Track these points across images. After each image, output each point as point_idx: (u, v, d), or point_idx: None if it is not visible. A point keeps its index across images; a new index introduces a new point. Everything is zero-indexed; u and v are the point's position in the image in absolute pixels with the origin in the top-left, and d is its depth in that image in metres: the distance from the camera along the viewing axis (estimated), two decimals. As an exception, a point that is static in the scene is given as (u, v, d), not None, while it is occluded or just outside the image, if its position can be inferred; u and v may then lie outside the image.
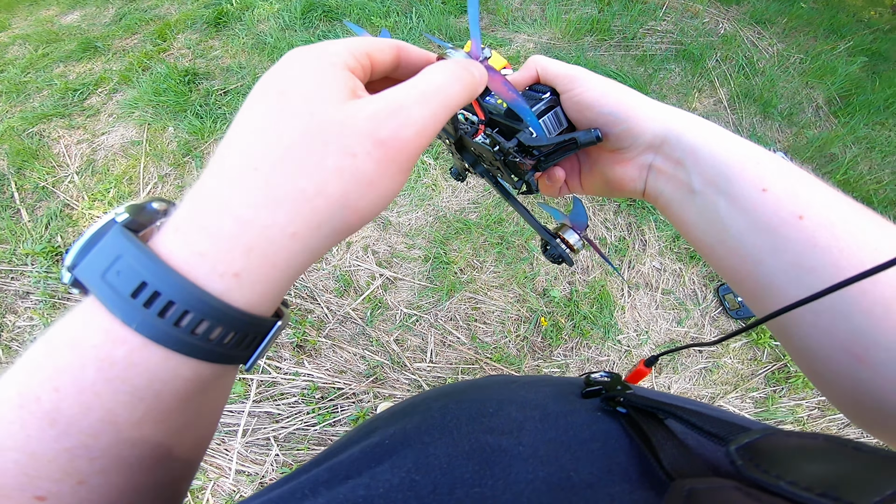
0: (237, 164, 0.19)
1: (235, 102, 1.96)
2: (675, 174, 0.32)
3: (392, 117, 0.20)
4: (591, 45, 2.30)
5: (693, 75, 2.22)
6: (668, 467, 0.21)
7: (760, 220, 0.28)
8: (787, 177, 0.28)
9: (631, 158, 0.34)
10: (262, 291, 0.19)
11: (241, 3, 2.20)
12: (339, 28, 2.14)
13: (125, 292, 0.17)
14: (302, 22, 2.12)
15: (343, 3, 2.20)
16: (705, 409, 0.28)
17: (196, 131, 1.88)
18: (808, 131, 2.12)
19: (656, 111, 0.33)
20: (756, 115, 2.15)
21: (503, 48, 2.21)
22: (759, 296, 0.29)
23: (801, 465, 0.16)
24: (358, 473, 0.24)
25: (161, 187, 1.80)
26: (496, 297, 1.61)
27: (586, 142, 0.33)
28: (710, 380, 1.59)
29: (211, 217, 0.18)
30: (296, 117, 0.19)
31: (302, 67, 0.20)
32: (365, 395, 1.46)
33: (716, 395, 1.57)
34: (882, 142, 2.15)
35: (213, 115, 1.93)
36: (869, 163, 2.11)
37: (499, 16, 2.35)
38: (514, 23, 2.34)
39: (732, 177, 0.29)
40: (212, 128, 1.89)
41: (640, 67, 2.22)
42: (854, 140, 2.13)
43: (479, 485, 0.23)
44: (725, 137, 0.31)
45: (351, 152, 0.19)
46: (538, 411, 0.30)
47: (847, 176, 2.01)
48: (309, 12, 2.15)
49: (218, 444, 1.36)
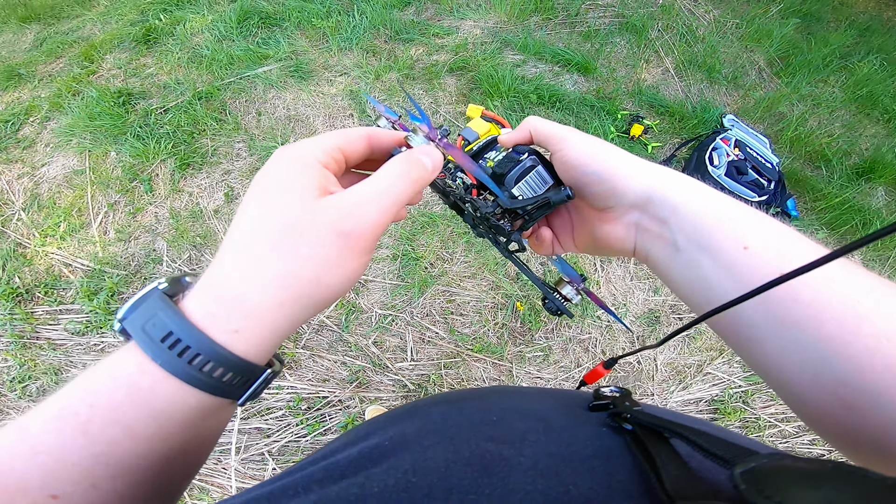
0: (239, 249, 0.25)
1: (178, 120, 1.87)
2: (660, 233, 0.33)
3: (351, 214, 0.25)
4: (537, 25, 2.31)
5: (638, 47, 2.25)
6: (670, 488, 0.21)
7: (744, 278, 0.28)
8: (768, 233, 0.29)
9: (617, 217, 0.35)
10: (256, 344, 0.24)
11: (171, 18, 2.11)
12: (278, 34, 2.07)
13: (156, 338, 0.23)
14: (239, 31, 2.05)
15: (280, 8, 2.13)
16: (713, 430, 0.28)
17: (139, 154, 1.79)
18: (754, 93, 2.19)
19: (639, 170, 0.33)
20: (703, 81, 2.21)
21: (450, 37, 2.19)
22: (748, 349, 0.30)
23: (806, 493, 0.16)
24: (354, 473, 0.25)
25: (112, 215, 1.71)
26: (470, 287, 1.59)
27: (558, 200, 0.35)
28: (695, 347, 1.63)
29: (220, 289, 0.24)
30: (278, 213, 0.24)
31: (282, 168, 0.26)
32: (351, 400, 1.43)
33: (703, 361, 1.61)
34: (827, 98, 2.25)
35: (156, 136, 1.84)
36: (818, 118, 2.20)
37: (443, 4, 2.33)
38: (459, 10, 2.32)
39: (713, 235, 0.29)
40: (156, 149, 1.80)
41: (587, 43, 2.24)
42: (799, 98, 2.21)
43: (475, 492, 0.23)
44: (706, 195, 0.31)
45: (320, 242, 0.24)
46: (542, 423, 0.30)
47: (798, 132, 2.09)
48: (245, 20, 2.07)
49: (214, 463, 1.35)
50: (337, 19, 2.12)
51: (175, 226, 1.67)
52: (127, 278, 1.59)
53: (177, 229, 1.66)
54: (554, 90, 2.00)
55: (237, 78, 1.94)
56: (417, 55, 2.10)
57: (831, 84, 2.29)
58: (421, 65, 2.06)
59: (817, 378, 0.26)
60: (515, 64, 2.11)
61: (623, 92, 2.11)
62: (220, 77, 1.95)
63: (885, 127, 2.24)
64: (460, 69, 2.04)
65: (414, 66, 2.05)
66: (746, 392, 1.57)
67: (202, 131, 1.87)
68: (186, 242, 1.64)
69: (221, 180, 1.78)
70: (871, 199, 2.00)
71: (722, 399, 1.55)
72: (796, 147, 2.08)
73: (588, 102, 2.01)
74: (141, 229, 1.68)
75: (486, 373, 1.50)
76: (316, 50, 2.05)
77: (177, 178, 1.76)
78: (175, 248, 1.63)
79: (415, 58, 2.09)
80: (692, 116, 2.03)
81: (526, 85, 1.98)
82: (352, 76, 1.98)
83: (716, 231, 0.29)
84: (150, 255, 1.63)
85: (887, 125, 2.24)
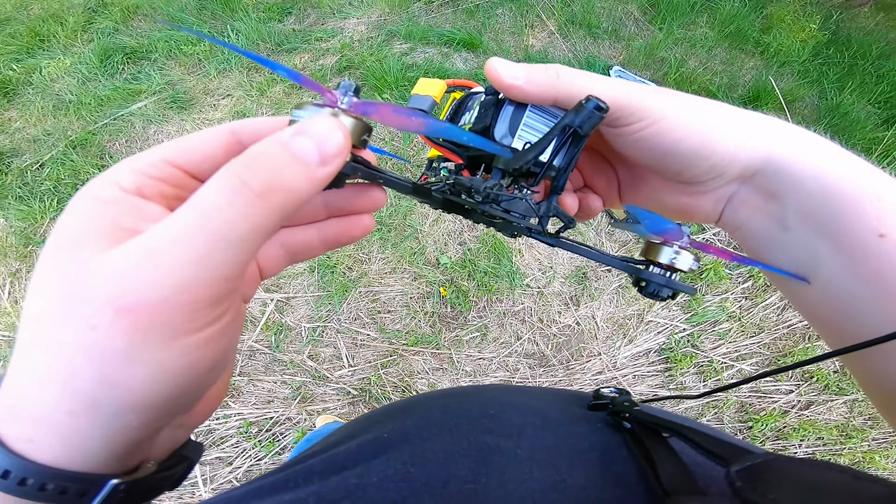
0: (18, 337, 0.18)
1: (57, 174, 1.76)
2: (765, 207, 0.27)
3: (137, 273, 0.16)
4: (421, 10, 2.32)
5: (521, 14, 2.31)
6: (666, 484, 0.21)
7: (870, 270, 0.23)
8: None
9: (708, 191, 0.28)
10: (66, 453, 0.18)
11: (24, 66, 1.97)
12: (148, 67, 1.98)
13: None
14: (103, 70, 1.94)
15: (144, 40, 2.04)
16: (710, 431, 0.27)
17: (27, 216, 1.68)
18: (634, 43, 2.29)
19: (752, 133, 0.25)
20: (586, 39, 2.29)
21: (335, 38, 2.16)
22: (845, 340, 0.25)
23: (801, 493, 0.16)
24: (353, 465, 0.24)
25: (18, 284, 1.62)
26: (392, 282, 1.59)
27: (589, 123, 0.23)
28: (631, 296, 1.66)
29: (6, 389, 0.18)
30: (46, 284, 0.17)
31: (69, 212, 0.18)
32: (298, 416, 1.43)
33: (642, 310, 1.64)
34: (700, 38, 2.38)
35: (38, 194, 1.72)
36: (696, 59, 2.33)
37: (323, 8, 2.30)
38: (341, 10, 2.30)
39: (844, 218, 0.23)
40: (42, 207, 1.70)
41: (471, 20, 2.28)
42: (675, 41, 2.34)
43: (472, 481, 0.23)
44: (841, 163, 0.24)
45: (90, 325, 0.16)
46: (539, 417, 0.29)
47: (680, 74, 2.21)
48: (108, 59, 1.97)
49: (190, 496, 1.34)
50: (210, 43, 2.05)
51: None
52: None
53: None
54: (444, 71, 2.02)
55: (111, 119, 1.84)
56: (303, 63, 2.07)
57: (701, 25, 2.44)
58: (308, 72, 2.03)
59: None
60: (403, 53, 2.11)
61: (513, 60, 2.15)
62: (92, 121, 1.85)
63: (760, 58, 2.40)
64: (347, 69, 2.02)
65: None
66: (692, 335, 1.60)
67: (85, 181, 1.75)
68: None
69: (120, 229, 1.70)
70: None
71: (670, 346, 1.59)
72: (682, 87, 2.20)
73: (480, 77, 2.05)
74: None
75: (426, 364, 1.51)
76: (193, 77, 1.97)
77: None
78: None
79: (300, 66, 2.05)
80: (581, 74, 2.11)
81: (414, 72, 1.99)
82: (235, 97, 1.92)
83: (847, 212, 0.23)
84: None
85: (762, 57, 2.40)
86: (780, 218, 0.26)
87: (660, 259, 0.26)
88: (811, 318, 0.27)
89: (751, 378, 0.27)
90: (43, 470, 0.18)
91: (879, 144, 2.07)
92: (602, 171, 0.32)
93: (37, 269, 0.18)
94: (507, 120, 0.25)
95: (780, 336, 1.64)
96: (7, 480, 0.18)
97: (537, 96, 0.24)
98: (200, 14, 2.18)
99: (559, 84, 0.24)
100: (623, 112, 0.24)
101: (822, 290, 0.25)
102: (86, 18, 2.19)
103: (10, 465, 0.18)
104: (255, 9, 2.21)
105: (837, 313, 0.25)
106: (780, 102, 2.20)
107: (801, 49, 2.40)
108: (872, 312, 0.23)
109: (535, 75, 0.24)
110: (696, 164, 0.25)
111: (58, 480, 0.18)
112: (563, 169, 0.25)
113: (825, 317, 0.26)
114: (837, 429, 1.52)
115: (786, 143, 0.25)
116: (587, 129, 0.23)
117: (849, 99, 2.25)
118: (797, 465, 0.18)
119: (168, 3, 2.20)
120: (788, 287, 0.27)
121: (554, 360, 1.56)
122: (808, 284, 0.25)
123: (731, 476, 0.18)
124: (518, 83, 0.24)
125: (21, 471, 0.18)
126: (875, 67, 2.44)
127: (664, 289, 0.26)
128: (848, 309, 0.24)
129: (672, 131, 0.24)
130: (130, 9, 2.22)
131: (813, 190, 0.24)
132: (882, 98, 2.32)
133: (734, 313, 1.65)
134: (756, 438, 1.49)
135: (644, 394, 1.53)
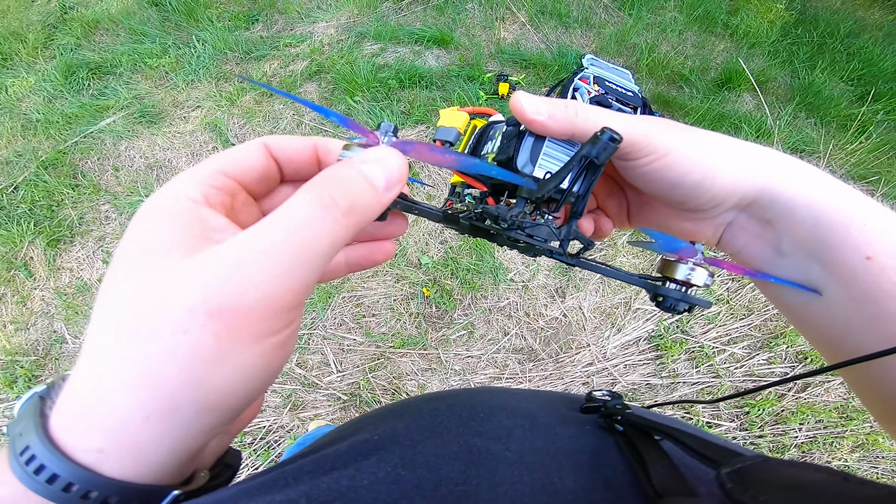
0: (91, 344, 0.19)
1: (31, 196, 1.74)
2: (762, 234, 0.29)
3: (227, 281, 0.17)
4: (390, 10, 2.31)
5: (491, 8, 2.31)
6: (657, 485, 0.22)
7: (859, 290, 0.25)
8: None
9: (708, 218, 0.30)
10: (135, 464, 0.19)
11: (-14, 87, 1.94)
12: (114, 82, 1.95)
13: (17, 451, 0.19)
14: (68, 87, 1.91)
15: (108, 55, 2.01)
16: (701, 434, 0.28)
17: (6, 241, 1.67)
18: (605, 30, 2.31)
19: (747, 166, 0.27)
20: (558, 29, 2.30)
21: (304, 43, 2.15)
22: (844, 357, 0.27)
23: (793, 494, 0.16)
24: (344, 465, 0.24)
25: (3, 309, 1.62)
26: (374, 286, 1.60)
27: (605, 153, 0.25)
28: (617, 285, 1.66)
29: (75, 399, 0.19)
30: (128, 291, 0.18)
31: (141, 224, 0.19)
32: (291, 423, 1.44)
33: (629, 298, 1.64)
34: (670, 23, 2.40)
35: (14, 218, 1.71)
36: (668, 43, 2.35)
37: (290, 13, 2.28)
38: (309, 15, 2.28)
39: (833, 243, 0.25)
40: (20, 231, 1.68)
41: (442, 16, 2.28)
42: (645, 27, 2.35)
43: (463, 483, 0.23)
44: (830, 192, 0.26)
45: (181, 329, 0.17)
46: (528, 420, 0.30)
47: (652, 59, 2.23)
48: (72, 75, 1.94)
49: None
50: (176, 54, 2.03)
51: (66, 304, 1.59)
52: (38, 362, 1.54)
53: (69, 307, 1.59)
54: (416, 70, 2.02)
55: (81, 137, 1.82)
56: (273, 70, 2.05)
57: (669, 9, 2.46)
58: (278, 79, 2.02)
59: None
60: (374, 54, 2.11)
61: (485, 55, 2.16)
62: (62, 140, 1.82)
63: (730, 41, 2.43)
64: (317, 73, 2.01)
65: (270, 81, 2.01)
66: (681, 321, 1.60)
67: (60, 202, 1.75)
68: (82, 317, 1.58)
69: (97, 248, 1.69)
70: (738, 106, 2.18)
71: (659, 333, 1.58)
72: (655, 72, 2.22)
73: (452, 73, 2.05)
74: (35, 315, 1.60)
75: (415, 365, 1.52)
76: (161, 90, 1.95)
77: (51, 257, 1.66)
78: (74, 325, 1.57)
79: (270, 73, 2.04)
80: (553, 64, 2.12)
81: (385, 72, 1.98)
82: (206, 108, 1.91)
83: (836, 238, 0.25)
84: (52, 338, 1.56)
85: (731, 39, 2.43)
86: (775, 244, 0.28)
87: (676, 276, 0.27)
88: (810, 336, 0.29)
89: (774, 383, 0.29)
90: (109, 483, 0.18)
91: (854, 120, 2.11)
92: (614, 196, 0.34)
93: (108, 281, 0.19)
94: (528, 150, 0.27)
95: (771, 317, 1.63)
96: (68, 494, 0.18)
97: (557, 131, 0.26)
98: (164, 26, 2.15)
99: (577, 120, 0.26)
100: (633, 147, 0.26)
101: (818, 312, 0.27)
102: (46, 35, 2.16)
103: (75, 477, 0.18)
104: (221, 18, 2.19)
105: (834, 332, 0.27)
106: (752, 84, 2.23)
107: (769, 30, 2.44)
108: (865, 332, 0.25)
109: (556, 112, 0.26)
110: (699, 196, 0.27)
111: (122, 494, 0.19)
112: (581, 196, 0.27)
113: (824, 335, 0.28)
114: (837, 411, 1.51)
115: (780, 174, 0.27)
116: (603, 159, 0.25)
117: (820, 77, 2.28)
118: (787, 466, 0.19)
119: (128, 17, 2.17)
120: (789, 307, 0.29)
121: (543, 354, 1.56)
122: (820, 295, 0.26)
123: (721, 478, 0.18)
124: (541, 119, 0.26)
125: (86, 484, 0.18)
126: (844, 45, 2.48)
127: (680, 303, 0.27)
128: (844, 328, 0.26)
129: (678, 165, 0.26)
130: (90, 24, 2.19)
131: (805, 217, 0.26)
132: (854, 75, 2.36)
133: (722, 296, 1.66)
134: (754, 424, 1.48)
135: (636, 384, 1.54)
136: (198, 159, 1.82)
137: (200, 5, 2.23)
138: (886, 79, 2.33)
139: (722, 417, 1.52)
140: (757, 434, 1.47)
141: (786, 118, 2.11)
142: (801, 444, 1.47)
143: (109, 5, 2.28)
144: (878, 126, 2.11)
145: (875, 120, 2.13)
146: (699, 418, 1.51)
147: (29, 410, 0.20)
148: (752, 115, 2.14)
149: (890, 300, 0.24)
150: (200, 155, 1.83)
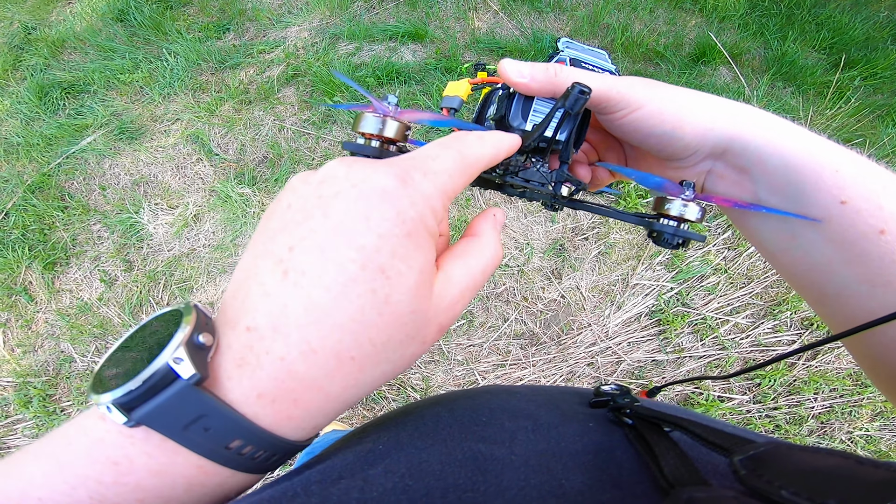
0: (335, 349, 0.21)
1: (22, 221, 1.82)
2: (739, 181, 0.32)
3: (452, 309, 0.25)
4: (362, 8, 2.40)
5: (463, -1, 2.42)
6: (670, 475, 0.22)
7: (835, 234, 0.27)
8: (870, 185, 0.27)
9: (688, 167, 0.33)
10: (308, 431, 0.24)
11: (-40, 115, 1.99)
12: (89, 100, 2.02)
13: (220, 445, 0.21)
14: (44, 108, 1.98)
15: (79, 73, 2.07)
16: (711, 423, 0.29)
17: (4, 267, 1.76)
18: (578, 12, 2.42)
19: (717, 115, 0.30)
20: (531, 15, 2.41)
21: (279, 48, 2.23)
22: (827, 304, 0.30)
23: (805, 478, 0.17)
24: (351, 475, 0.25)
25: (9, 333, 1.71)
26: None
27: (577, 103, 0.29)
28: (612, 262, 1.70)
29: (307, 393, 0.22)
30: (395, 314, 0.22)
31: (399, 241, 0.22)
32: None
33: (626, 274, 1.68)
34: (640, 1, 2.53)
35: (9, 244, 1.79)
36: (640, 22, 2.47)
37: (261, 20, 2.36)
38: (280, 20, 2.36)
39: (807, 189, 0.28)
40: (17, 256, 1.77)
41: (415, 11, 2.37)
42: (616, 6, 2.48)
43: (471, 489, 0.24)
44: (799, 140, 0.29)
45: (423, 340, 0.24)
46: (530, 422, 0.31)
47: (626, 38, 2.35)
48: (46, 96, 2.00)
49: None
50: (148, 69, 2.10)
51: (69, 325, 1.68)
52: (50, 381, 1.64)
53: (72, 328, 1.68)
54: (392, 66, 2.11)
55: (63, 158, 1.89)
56: (249, 77, 2.13)
57: (640, -12, 2.59)
58: (255, 86, 2.10)
59: None
60: (349, 54, 2.20)
61: (461, 46, 2.27)
62: (45, 162, 1.90)
63: (701, 16, 2.56)
64: (294, 77, 2.10)
65: (248, 89, 2.09)
66: (681, 293, 1.63)
67: (51, 225, 1.83)
68: (87, 336, 1.67)
69: (94, 268, 1.77)
70: (714, 79, 2.31)
71: (660, 308, 1.60)
72: (631, 51, 2.34)
73: (430, 67, 2.15)
74: (41, 338, 1.70)
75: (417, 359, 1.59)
76: (138, 105, 2.03)
77: (49, 280, 1.75)
78: (80, 344, 1.67)
79: (247, 81, 2.12)
80: (529, 49, 2.23)
81: (363, 71, 2.08)
82: (185, 120, 1.98)
83: (808, 183, 0.27)
84: (60, 358, 1.66)
85: (701, 14, 2.56)
86: (753, 191, 0.31)
87: (670, 212, 0.31)
88: (792, 280, 0.32)
89: (784, 355, 0.32)
90: (285, 445, 0.23)
91: (831, 87, 2.24)
92: (612, 149, 0.40)
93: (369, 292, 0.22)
94: (519, 109, 0.33)
95: (771, 283, 1.65)
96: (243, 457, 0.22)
97: (540, 90, 0.31)
98: (132, 41, 2.22)
99: (556, 80, 0.30)
100: (608, 102, 0.31)
101: (799, 257, 0.30)
102: (14, 56, 2.22)
103: (267, 444, 0.22)
104: (190, 29, 2.26)
105: (816, 276, 0.29)
106: (726, 57, 2.37)
107: (736, 3, 2.58)
108: (843, 272, 0.28)
109: (537, 73, 0.31)
110: (672, 144, 0.31)
111: (283, 453, 0.23)
112: (565, 143, 0.32)
113: (806, 280, 0.31)
114: (850, 378, 1.52)
115: (750, 124, 0.30)
116: (576, 108, 0.29)
117: (793, 48, 2.41)
118: (800, 451, 0.19)
119: (94, 35, 2.24)
120: (773, 255, 0.32)
121: (545, 338, 1.60)
122: (821, 223, 0.28)
123: (734, 465, 0.19)
124: (524, 80, 0.31)
125: (272, 448, 0.22)
126: (812, 15, 2.62)
127: (675, 237, 0.31)
128: (823, 269, 0.29)
129: (650, 117, 0.30)
130: (57, 43, 2.26)
131: (777, 164, 0.29)
132: (826, 44, 2.49)
133: (719, 265, 1.69)
134: (767, 395, 1.51)
135: (641, 361, 1.57)
136: (183, 172, 1.91)
137: (167, 18, 2.30)
138: (858, 46, 2.47)
139: (734, 391, 1.55)
140: (771, 406, 1.52)
141: (763, 88, 2.25)
142: (818, 415, 1.50)
143: (73, 24, 2.34)
144: (856, 91, 2.23)
145: (852, 86, 2.26)
146: (710, 392, 1.54)
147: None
148: (730, 87, 2.26)
149: (867, 241, 0.26)
150: (185, 167, 1.92)
